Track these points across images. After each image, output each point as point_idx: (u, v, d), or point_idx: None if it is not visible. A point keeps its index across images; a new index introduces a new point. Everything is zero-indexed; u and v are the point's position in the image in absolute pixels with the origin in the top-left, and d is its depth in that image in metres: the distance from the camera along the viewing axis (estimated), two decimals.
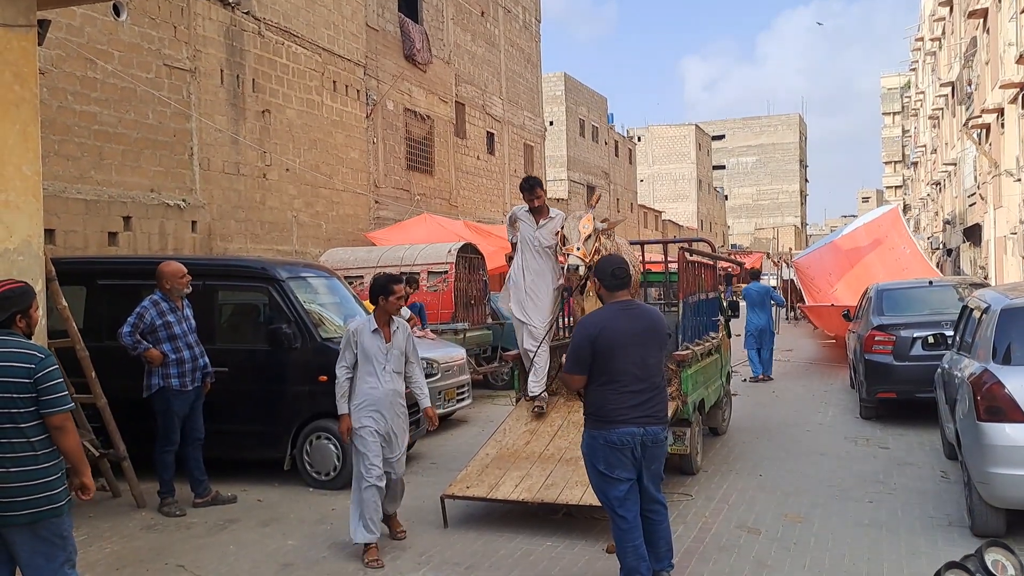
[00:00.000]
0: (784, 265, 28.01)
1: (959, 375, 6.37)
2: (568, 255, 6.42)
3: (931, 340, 7.94)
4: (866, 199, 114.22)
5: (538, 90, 32.47)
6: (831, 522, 6.19)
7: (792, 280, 25.10)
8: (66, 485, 3.92)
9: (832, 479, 7.45)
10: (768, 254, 32.45)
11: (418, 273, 12.50)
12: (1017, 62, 19.27)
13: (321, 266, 9.51)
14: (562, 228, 6.70)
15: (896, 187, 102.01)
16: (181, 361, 6.74)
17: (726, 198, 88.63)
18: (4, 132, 5.90)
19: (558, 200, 37.93)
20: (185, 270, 6.85)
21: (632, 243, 9.31)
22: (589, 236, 6.47)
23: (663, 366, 4.83)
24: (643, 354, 4.60)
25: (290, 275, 7.91)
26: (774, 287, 26.67)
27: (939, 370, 7.99)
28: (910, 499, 6.73)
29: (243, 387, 7.52)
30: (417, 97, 21.40)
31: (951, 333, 8.67)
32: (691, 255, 8.27)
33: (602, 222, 6.90)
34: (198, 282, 7.26)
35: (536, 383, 7.31)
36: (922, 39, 51.00)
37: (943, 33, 39.87)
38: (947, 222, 40.23)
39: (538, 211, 7.34)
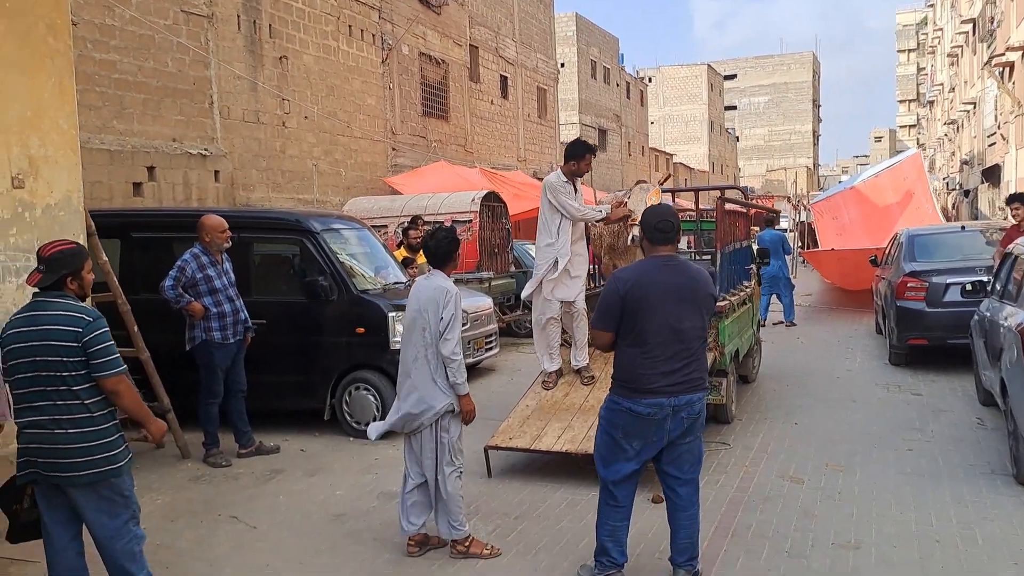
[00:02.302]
0: (802, 208, 27.80)
1: (1004, 323, 6.33)
2: (632, 225, 6.36)
3: (970, 288, 7.87)
4: (879, 139, 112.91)
5: (551, 31, 31.91)
6: (872, 470, 6.23)
7: (809, 224, 24.94)
8: (126, 445, 3.92)
9: (868, 427, 7.49)
10: (789, 198, 32.12)
11: (441, 222, 12.42)
12: None
13: (352, 217, 9.48)
14: (627, 200, 6.61)
15: (910, 126, 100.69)
16: (222, 315, 6.76)
17: (737, 139, 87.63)
18: (40, 86, 5.83)
19: None
20: (226, 224, 6.83)
21: (665, 192, 9.23)
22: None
23: (704, 331, 4.28)
24: (679, 315, 4.10)
25: (324, 227, 7.88)
26: (788, 230, 26.57)
27: (976, 317, 7.96)
28: (948, 447, 6.76)
29: (281, 339, 7.55)
30: (431, 41, 21.06)
31: (986, 279, 8.65)
32: (727, 204, 8.18)
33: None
34: (233, 234, 7.23)
35: (552, 356, 7.13)
36: None
37: None
38: (964, 162, 39.75)
39: (575, 179, 6.91)
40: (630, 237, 6.46)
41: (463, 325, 9.82)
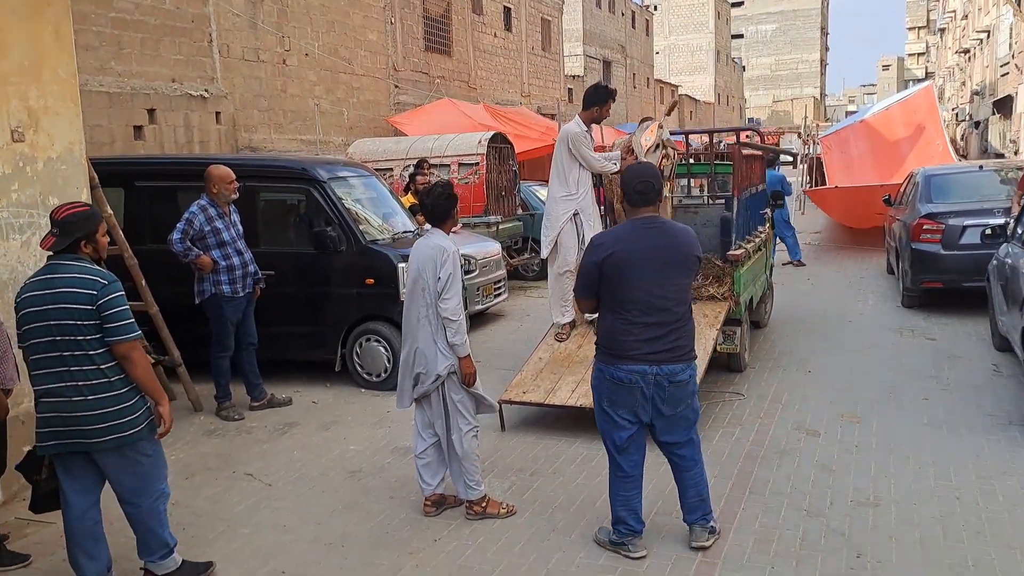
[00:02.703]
0: (812, 142, 27.37)
1: None
2: None
3: (989, 232, 7.73)
4: (887, 67, 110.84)
5: None
6: (889, 422, 6.20)
7: (818, 157, 24.56)
8: (147, 406, 3.88)
9: (883, 374, 7.44)
10: (799, 132, 31.58)
11: (449, 164, 12.24)
12: None
13: (359, 164, 9.28)
14: (630, 142, 6.40)
15: (919, 54, 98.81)
16: (232, 268, 6.66)
17: (744, 69, 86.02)
18: (37, 32, 5.60)
19: (574, 77, 36.86)
20: (233, 175, 6.67)
21: (675, 134, 9.00)
22: (657, 146, 6.21)
23: (687, 293, 4.16)
24: (661, 279, 3.96)
25: (331, 176, 7.71)
26: (799, 161, 26.12)
27: (995, 261, 7.84)
28: (965, 395, 6.72)
29: (290, 290, 7.47)
30: None
31: (1001, 221, 8.50)
32: (745, 148, 7.98)
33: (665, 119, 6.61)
34: (239, 183, 7.08)
35: (565, 308, 7.01)
36: None
37: None
38: (976, 93, 39.06)
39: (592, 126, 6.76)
40: None
41: (471, 272, 9.91)
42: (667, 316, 4.01)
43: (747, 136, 11.02)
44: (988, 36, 35.14)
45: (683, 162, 9.04)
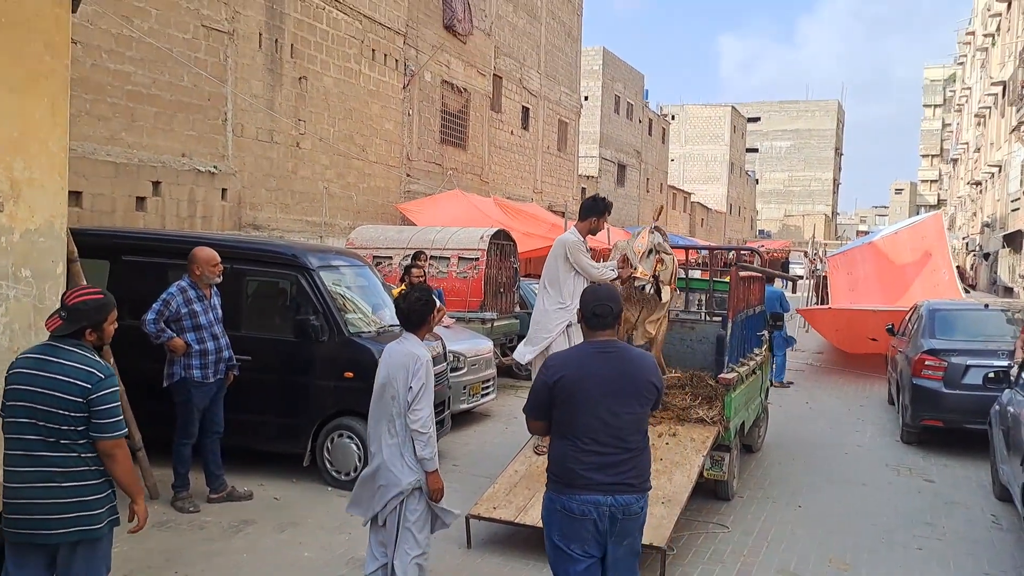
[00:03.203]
0: (819, 260, 27.38)
1: None
2: (634, 279, 6.03)
3: (992, 375, 7.48)
4: (899, 191, 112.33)
5: (576, 65, 31.81)
6: (879, 572, 5.82)
7: (825, 276, 24.50)
8: (113, 504, 3.78)
9: (877, 516, 7.07)
10: (806, 253, 31.67)
11: (449, 257, 12.15)
12: None
13: (353, 253, 9.17)
14: (624, 252, 6.29)
15: (932, 181, 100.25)
16: (205, 352, 6.45)
17: (757, 182, 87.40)
18: (31, 106, 5.55)
19: (588, 178, 37.36)
20: (218, 258, 6.53)
21: (676, 247, 8.90)
22: (650, 252, 6.09)
23: (644, 423, 3.94)
24: (615, 407, 3.76)
25: (321, 263, 7.58)
26: (802, 278, 26.08)
27: (997, 406, 7.56)
28: (962, 548, 6.34)
29: (265, 377, 7.24)
30: (455, 69, 20.91)
31: (1005, 364, 8.25)
32: (742, 270, 7.84)
33: (655, 230, 6.50)
34: (226, 265, 6.94)
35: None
36: (973, 33, 49.62)
37: (998, 29, 38.64)
38: (986, 225, 39.31)
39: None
40: (634, 288, 6.12)
41: (459, 369, 9.67)
42: (621, 445, 3.79)
43: (748, 257, 10.93)
44: (1000, 170, 35.60)
45: (681, 276, 8.91)
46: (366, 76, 16.77)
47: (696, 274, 10.89)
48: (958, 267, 41.33)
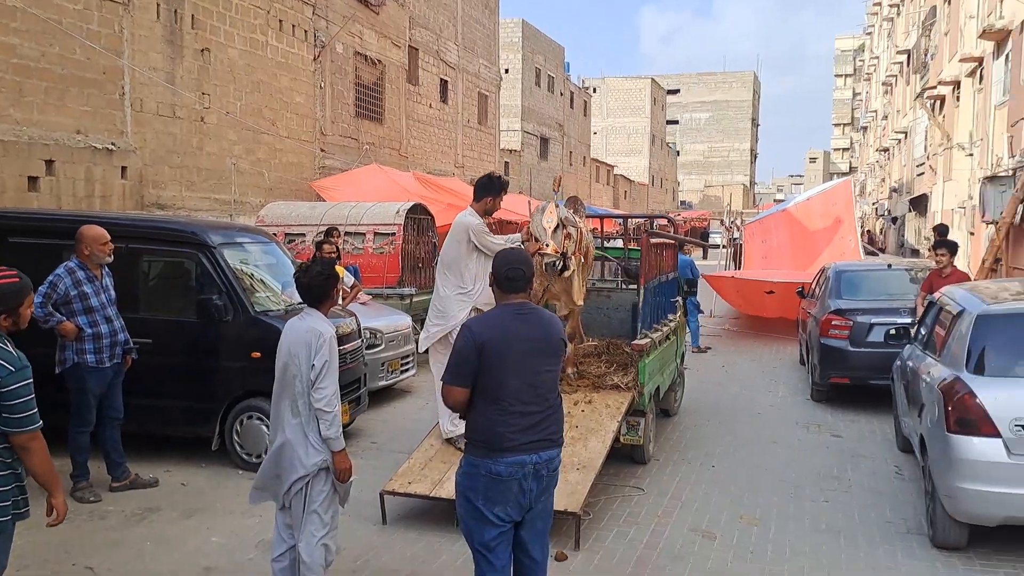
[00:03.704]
0: (735, 228, 27.95)
1: (927, 378, 6.13)
2: (543, 255, 5.89)
3: (893, 332, 7.72)
4: (813, 160, 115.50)
5: (495, 37, 31.57)
6: (788, 526, 5.96)
7: (742, 244, 25.04)
8: (21, 496, 3.59)
9: (786, 473, 7.25)
10: (723, 221, 32.30)
11: (364, 233, 11.93)
12: (980, 36, 19.13)
13: (259, 230, 8.88)
14: (530, 227, 6.16)
15: (844, 149, 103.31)
16: (98, 336, 6.15)
17: (678, 154, 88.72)
18: None
19: (510, 151, 37.25)
20: (108, 236, 6.20)
21: (591, 215, 8.91)
22: (557, 227, 6.00)
23: (558, 380, 4.09)
24: (537, 367, 3.84)
25: (223, 240, 7.30)
26: (722, 246, 26.60)
27: (898, 361, 7.81)
28: (866, 500, 6.54)
29: (169, 360, 6.97)
30: (368, 40, 20.47)
31: (907, 321, 8.53)
32: (654, 238, 7.87)
33: (566, 204, 6.44)
34: (121, 244, 6.62)
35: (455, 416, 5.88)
36: (880, 3, 50.99)
37: None
38: (894, 190, 40.70)
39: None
40: (543, 265, 5.97)
41: (377, 346, 9.51)
42: (543, 403, 3.87)
43: (663, 224, 11.03)
44: (906, 136, 36.82)
45: (597, 246, 8.90)
46: (273, 48, 16.26)
47: (619, 244, 10.92)
48: (868, 231, 42.74)
